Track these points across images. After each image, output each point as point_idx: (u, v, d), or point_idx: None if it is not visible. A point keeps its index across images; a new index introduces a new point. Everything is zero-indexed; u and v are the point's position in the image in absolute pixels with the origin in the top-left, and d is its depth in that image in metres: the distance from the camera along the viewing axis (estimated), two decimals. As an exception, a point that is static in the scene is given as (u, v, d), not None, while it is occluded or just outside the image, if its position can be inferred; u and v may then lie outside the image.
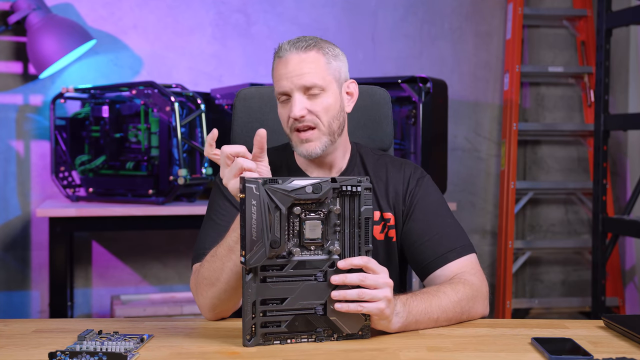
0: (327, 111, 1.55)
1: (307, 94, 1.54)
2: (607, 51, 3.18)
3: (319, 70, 1.54)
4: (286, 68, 1.54)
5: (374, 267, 1.30)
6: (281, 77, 1.54)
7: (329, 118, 1.55)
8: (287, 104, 1.55)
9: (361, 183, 1.30)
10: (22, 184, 3.34)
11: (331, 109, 1.55)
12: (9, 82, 3.32)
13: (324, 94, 1.55)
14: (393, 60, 3.72)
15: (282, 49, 1.56)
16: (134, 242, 3.49)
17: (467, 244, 1.58)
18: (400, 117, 3.19)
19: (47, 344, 1.29)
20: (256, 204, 1.25)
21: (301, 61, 1.54)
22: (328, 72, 1.56)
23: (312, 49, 1.55)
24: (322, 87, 1.54)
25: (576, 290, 3.88)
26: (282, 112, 1.57)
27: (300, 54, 1.54)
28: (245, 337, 1.27)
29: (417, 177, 1.65)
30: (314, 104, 1.54)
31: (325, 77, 1.55)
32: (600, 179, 3.20)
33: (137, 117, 3.05)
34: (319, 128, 1.54)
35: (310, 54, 1.54)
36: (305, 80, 1.52)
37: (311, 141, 1.54)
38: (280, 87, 1.54)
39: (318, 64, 1.55)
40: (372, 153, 1.70)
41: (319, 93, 1.54)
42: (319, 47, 1.56)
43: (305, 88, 1.53)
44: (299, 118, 1.52)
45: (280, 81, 1.54)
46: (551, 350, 1.24)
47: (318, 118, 1.54)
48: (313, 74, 1.53)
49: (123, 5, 3.43)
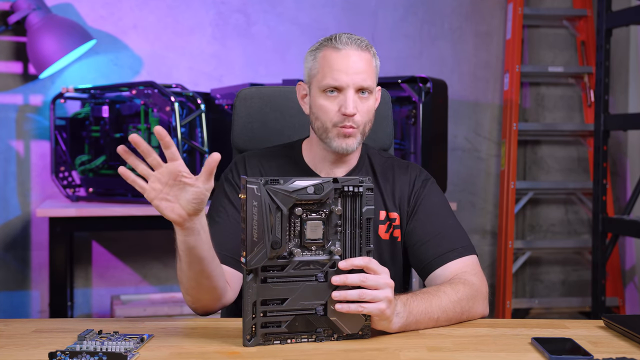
0: (368, 114, 1.58)
1: (357, 93, 1.55)
2: (607, 51, 3.18)
3: (372, 73, 1.58)
4: (346, 62, 1.54)
5: (375, 267, 1.30)
6: (339, 70, 1.54)
7: (367, 120, 1.58)
8: (333, 97, 1.55)
9: (363, 183, 1.30)
10: (22, 184, 3.34)
11: (370, 112, 1.59)
12: (9, 82, 3.32)
13: (370, 96, 1.58)
14: (393, 60, 3.72)
15: (340, 41, 1.56)
16: (134, 242, 3.49)
17: (468, 245, 1.59)
18: (400, 117, 3.19)
19: (47, 344, 1.29)
20: (257, 205, 1.24)
21: (361, 59, 1.55)
22: (375, 75, 1.60)
23: (368, 49, 1.58)
24: (371, 91, 1.58)
25: (576, 290, 3.88)
26: (327, 104, 1.56)
27: (360, 52, 1.56)
28: (246, 337, 1.27)
29: (422, 179, 1.67)
30: (362, 104, 1.56)
31: (374, 80, 1.59)
32: (600, 179, 3.20)
33: (137, 117, 3.05)
34: (358, 128, 1.56)
35: (367, 54, 1.57)
36: (363, 81, 1.54)
37: (351, 137, 1.56)
38: (336, 80, 1.54)
39: (371, 66, 1.58)
40: (379, 154, 1.72)
41: (368, 95, 1.57)
42: (370, 49, 1.59)
43: (360, 88, 1.55)
44: (352, 116, 1.54)
45: (337, 74, 1.54)
46: (551, 350, 1.24)
47: (361, 119, 1.56)
48: (368, 75, 1.56)
49: (123, 5, 3.43)
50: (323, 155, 1.63)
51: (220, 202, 1.60)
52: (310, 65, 1.60)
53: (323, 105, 1.56)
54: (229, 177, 1.64)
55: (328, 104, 1.56)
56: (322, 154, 1.63)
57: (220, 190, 1.62)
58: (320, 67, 1.57)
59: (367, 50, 1.57)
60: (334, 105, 1.55)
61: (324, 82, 1.55)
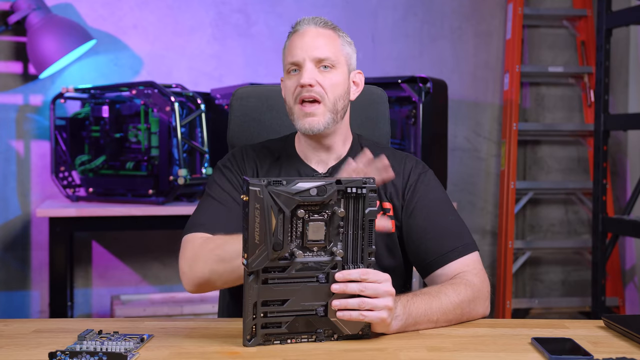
0: (335, 88, 1.55)
1: (318, 67, 1.55)
2: (607, 51, 3.18)
3: (333, 48, 1.57)
4: (302, 39, 1.55)
5: (374, 278, 1.28)
6: (295, 47, 1.55)
7: (335, 95, 1.55)
8: (295, 76, 1.55)
9: (366, 185, 1.29)
10: (22, 184, 3.34)
11: (339, 88, 1.56)
12: (9, 82, 3.32)
13: (334, 70, 1.56)
14: (393, 60, 3.72)
15: (299, 23, 1.58)
16: (134, 242, 3.49)
17: (469, 242, 1.56)
18: (400, 117, 3.19)
19: (47, 344, 1.28)
20: (259, 207, 1.23)
21: (318, 35, 1.56)
22: (341, 52, 1.58)
23: (329, 28, 1.59)
24: (333, 63, 1.56)
25: (576, 290, 3.88)
26: (289, 83, 1.56)
27: (318, 28, 1.57)
28: (246, 337, 1.27)
29: (418, 171, 1.63)
30: (324, 78, 1.54)
31: (337, 55, 1.57)
32: (600, 179, 3.19)
33: (137, 117, 3.05)
34: (324, 103, 1.54)
35: (327, 31, 1.58)
36: (320, 52, 1.54)
37: (315, 116, 1.54)
38: (293, 56, 1.55)
39: (334, 41, 1.58)
40: (375, 145, 1.69)
41: (330, 69, 1.55)
42: (336, 29, 1.60)
43: (318, 60, 1.54)
44: (308, 86, 1.52)
45: (294, 50, 1.55)
46: (551, 350, 1.23)
47: (325, 92, 1.54)
48: (328, 48, 1.55)
49: (123, 5, 3.43)
50: (307, 144, 1.62)
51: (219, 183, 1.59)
52: (282, 57, 1.62)
53: (286, 86, 1.57)
54: (227, 164, 1.63)
55: (290, 83, 1.56)
56: (307, 142, 1.62)
57: (218, 173, 1.62)
58: (285, 53, 1.59)
59: (327, 28, 1.58)
60: (293, 82, 1.55)
61: (285, 62, 1.58)
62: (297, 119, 1.56)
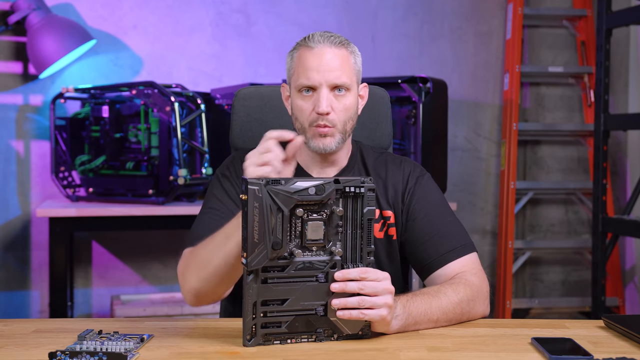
0: (347, 111, 1.56)
1: (333, 91, 1.54)
2: (607, 51, 3.18)
3: (348, 70, 1.55)
4: (319, 61, 1.53)
5: (373, 276, 1.29)
6: (312, 69, 1.53)
7: (346, 118, 1.56)
8: (309, 97, 1.54)
9: (364, 184, 1.29)
10: (22, 184, 3.34)
11: (350, 111, 1.56)
12: (9, 82, 3.32)
13: (348, 93, 1.55)
14: (393, 60, 3.72)
15: (313, 40, 1.55)
16: (134, 242, 3.49)
17: (467, 243, 1.57)
18: (400, 117, 3.19)
19: (47, 344, 1.28)
20: (258, 206, 1.24)
21: (334, 57, 1.54)
22: (353, 72, 1.57)
23: (344, 46, 1.56)
24: (348, 88, 1.55)
25: (576, 290, 3.88)
26: (303, 105, 1.55)
27: (333, 49, 1.54)
28: (246, 337, 1.27)
29: (416, 175, 1.65)
30: (338, 102, 1.54)
31: (351, 77, 1.56)
32: (600, 179, 3.19)
33: (137, 117, 3.05)
34: (336, 127, 1.55)
35: (342, 51, 1.55)
36: (337, 78, 1.53)
37: (328, 136, 1.55)
38: (309, 79, 1.53)
39: (348, 62, 1.56)
40: (373, 151, 1.70)
41: (344, 92, 1.55)
42: (348, 46, 1.57)
43: (335, 86, 1.53)
44: (325, 115, 1.52)
45: (309, 72, 1.53)
46: (551, 350, 1.23)
47: (338, 117, 1.54)
48: (343, 71, 1.54)
49: (123, 5, 3.43)
50: (311, 156, 1.62)
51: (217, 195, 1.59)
52: (288, 66, 1.60)
53: (299, 106, 1.56)
54: (225, 173, 1.63)
55: (304, 104, 1.55)
56: (310, 154, 1.62)
57: (216, 184, 1.61)
58: (295, 67, 1.57)
59: (342, 47, 1.55)
60: (309, 105, 1.54)
61: (299, 82, 1.55)
62: (310, 139, 1.56)
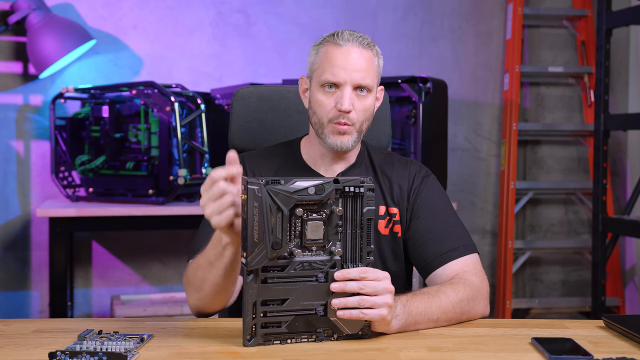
0: (366, 112, 1.58)
1: (355, 90, 1.55)
2: (607, 51, 3.18)
3: (372, 72, 1.57)
4: (345, 59, 1.54)
5: (373, 276, 1.29)
6: (338, 66, 1.54)
7: (364, 118, 1.58)
8: (331, 93, 1.56)
9: (364, 184, 1.29)
10: (22, 184, 3.34)
11: (368, 112, 1.59)
12: (9, 82, 3.32)
13: (369, 95, 1.57)
14: (393, 60, 3.72)
15: (341, 37, 1.56)
16: (134, 242, 3.49)
17: (469, 244, 1.59)
18: (400, 117, 3.19)
19: (47, 344, 1.28)
20: (258, 206, 1.24)
21: (361, 57, 1.55)
22: (376, 74, 1.59)
23: (370, 48, 1.58)
24: (370, 89, 1.57)
25: (576, 290, 3.88)
26: (324, 99, 1.56)
27: (361, 49, 1.56)
28: (246, 337, 1.27)
29: (422, 175, 1.67)
30: (359, 102, 1.56)
31: (374, 79, 1.58)
32: (600, 179, 3.20)
33: (137, 117, 3.05)
34: (354, 125, 1.57)
35: (368, 52, 1.57)
36: (362, 79, 1.54)
37: (346, 135, 1.56)
38: (335, 75, 1.54)
39: (373, 64, 1.58)
40: (379, 151, 1.73)
41: (366, 93, 1.57)
42: (374, 47, 1.59)
43: (358, 86, 1.55)
44: (347, 113, 1.54)
45: (336, 70, 1.54)
46: (551, 350, 1.24)
47: (357, 116, 1.56)
48: (368, 73, 1.56)
49: (123, 5, 3.43)
50: (322, 152, 1.63)
51: None
52: (312, 60, 1.61)
53: (320, 100, 1.57)
54: None
55: (325, 99, 1.56)
56: (321, 150, 1.63)
57: None
58: (321, 62, 1.57)
59: (369, 49, 1.57)
60: (331, 101, 1.56)
61: (323, 77, 1.56)
62: (328, 135, 1.57)
